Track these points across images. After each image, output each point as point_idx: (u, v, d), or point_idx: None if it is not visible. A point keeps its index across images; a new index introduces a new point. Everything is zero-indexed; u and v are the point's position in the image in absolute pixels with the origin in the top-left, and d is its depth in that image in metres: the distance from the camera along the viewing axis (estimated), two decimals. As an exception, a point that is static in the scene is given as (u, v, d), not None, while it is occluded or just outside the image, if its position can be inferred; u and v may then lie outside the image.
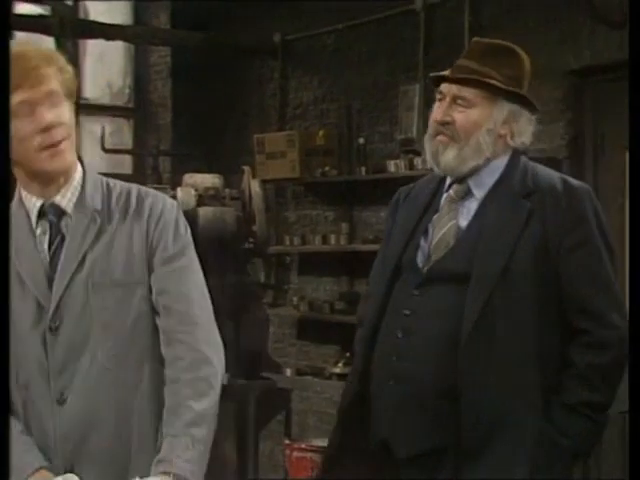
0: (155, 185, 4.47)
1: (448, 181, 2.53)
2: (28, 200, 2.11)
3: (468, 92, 2.45)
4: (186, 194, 4.22)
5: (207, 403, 2.05)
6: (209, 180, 4.39)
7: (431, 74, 2.58)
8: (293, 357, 6.56)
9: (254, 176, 6.07)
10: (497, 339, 2.34)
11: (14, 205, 2.12)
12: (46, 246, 2.10)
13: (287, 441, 5.65)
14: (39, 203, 2.10)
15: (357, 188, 6.16)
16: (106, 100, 7.60)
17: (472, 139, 2.44)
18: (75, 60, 6.99)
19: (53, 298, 2.06)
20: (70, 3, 7.47)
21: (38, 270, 2.08)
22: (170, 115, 7.34)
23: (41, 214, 2.10)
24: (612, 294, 2.39)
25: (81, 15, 7.43)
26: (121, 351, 2.08)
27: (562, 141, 5.17)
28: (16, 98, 2.00)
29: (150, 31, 7.19)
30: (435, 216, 2.50)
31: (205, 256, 4.26)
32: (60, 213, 2.10)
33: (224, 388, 4.76)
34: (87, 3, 7.62)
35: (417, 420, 2.38)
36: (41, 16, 6.85)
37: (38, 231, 2.10)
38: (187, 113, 7.29)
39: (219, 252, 4.28)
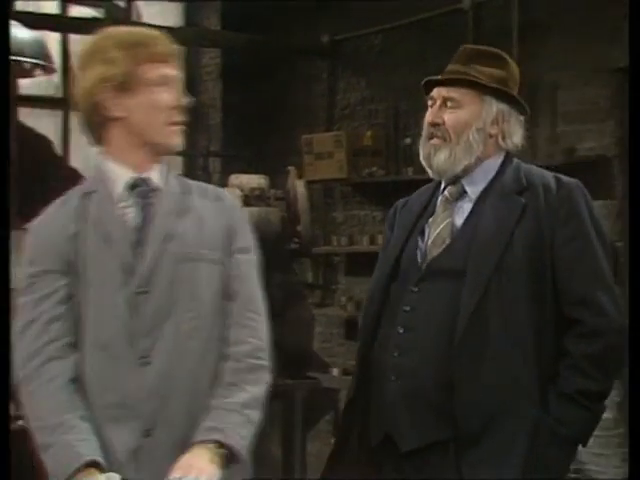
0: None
1: (443, 185, 2.59)
2: (115, 172, 2.18)
3: (456, 92, 2.51)
4: (231, 194, 4.25)
5: (261, 390, 2.17)
6: (255, 181, 4.41)
7: (424, 80, 2.61)
8: (341, 357, 6.57)
9: (301, 176, 6.10)
10: (492, 333, 2.38)
11: (93, 179, 2.21)
12: (133, 215, 2.17)
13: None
14: (129, 176, 2.17)
15: (404, 188, 6.14)
16: (158, 101, 7.67)
17: (462, 138, 2.50)
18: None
19: (142, 264, 2.13)
20: (122, 4, 7.57)
21: (126, 238, 2.15)
22: (220, 116, 7.40)
23: (131, 187, 2.18)
24: (604, 284, 2.42)
25: (134, 17, 7.53)
26: (201, 323, 2.17)
27: (612, 139, 5.13)
28: (160, 70, 2.14)
29: (199, 33, 7.26)
30: (431, 217, 2.56)
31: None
32: (151, 187, 2.19)
33: (270, 387, 4.76)
34: (140, 5, 7.72)
35: (419, 414, 2.42)
36: (94, 19, 6.96)
37: (125, 203, 2.17)
38: (237, 114, 7.34)
39: (264, 252, 4.27)
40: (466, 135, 2.49)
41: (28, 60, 4.55)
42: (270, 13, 7.01)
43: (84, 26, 6.54)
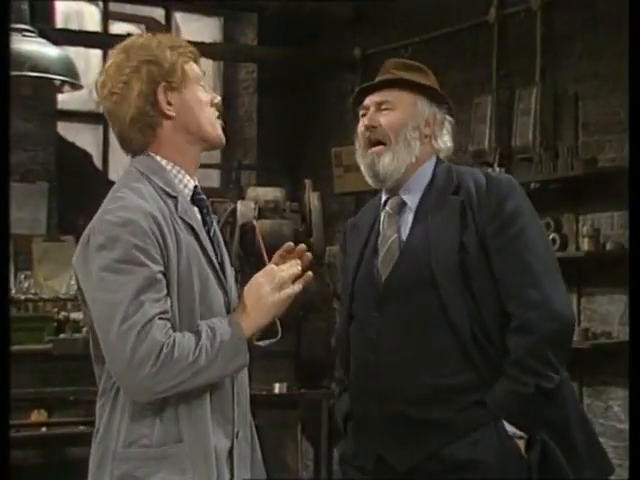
0: (216, 199, 4.58)
1: (383, 199, 2.60)
2: (179, 178, 2.18)
3: (389, 95, 2.56)
4: (245, 207, 4.33)
5: None
6: (270, 193, 4.48)
7: (355, 92, 2.65)
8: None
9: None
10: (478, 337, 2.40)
11: (160, 178, 2.15)
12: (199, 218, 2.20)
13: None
14: (192, 184, 2.20)
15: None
16: (196, 115, 7.79)
17: (400, 137, 2.54)
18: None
19: (225, 274, 2.18)
20: (162, 21, 7.73)
21: (209, 244, 2.18)
22: (256, 129, 7.50)
23: (192, 195, 2.20)
24: (533, 277, 2.39)
25: (173, 33, 7.67)
26: None
27: (634, 151, 5.08)
28: (196, 69, 2.21)
29: (236, 48, 7.38)
30: (380, 236, 2.57)
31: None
32: (203, 196, 2.23)
33: (287, 397, 4.80)
34: (179, 22, 7.87)
35: (402, 434, 2.44)
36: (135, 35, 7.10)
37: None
38: (272, 127, 7.43)
39: (277, 264, 4.36)
40: (403, 134, 2.53)
41: (55, 77, 4.68)
42: (305, 29, 7.11)
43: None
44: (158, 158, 2.18)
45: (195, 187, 2.22)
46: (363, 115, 2.60)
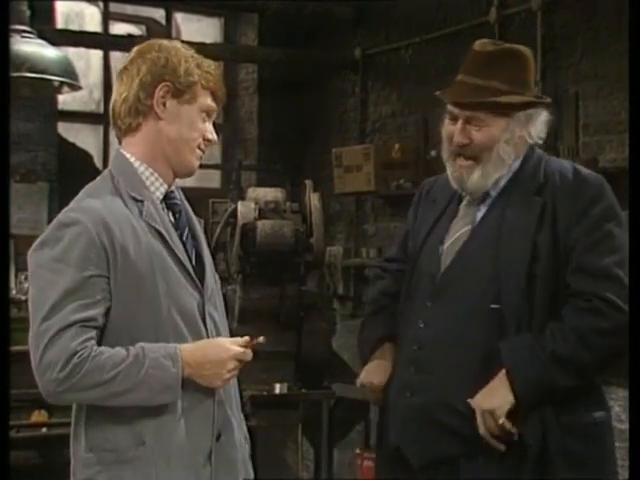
0: (217, 200, 4.59)
1: None
2: (151, 181, 2.20)
3: (481, 114, 2.43)
4: (246, 207, 4.33)
5: None
6: (271, 194, 4.48)
7: (438, 93, 2.55)
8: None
9: (317, 189, 6.18)
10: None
11: (131, 182, 2.17)
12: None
13: (358, 450, 5.69)
14: (164, 188, 2.22)
15: (433, 200, 6.15)
16: (197, 116, 7.78)
17: (493, 154, 2.44)
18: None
19: (202, 274, 2.20)
20: (162, 21, 7.73)
21: (180, 245, 2.20)
22: (256, 130, 7.50)
23: (164, 199, 2.22)
24: (613, 277, 2.33)
25: (173, 34, 7.67)
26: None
27: (634, 151, 5.07)
28: (210, 101, 2.24)
29: (236, 48, 7.37)
30: (454, 221, 2.52)
31: (264, 267, 4.40)
32: (177, 201, 2.25)
33: (287, 397, 4.80)
34: (180, 23, 7.86)
35: (431, 431, 2.40)
36: (135, 36, 7.11)
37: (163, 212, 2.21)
38: (272, 128, 7.43)
39: (277, 264, 4.37)
40: (496, 150, 2.43)
41: (53, 78, 4.66)
42: (305, 29, 7.11)
43: (125, 43, 6.71)
44: (132, 159, 2.19)
45: (171, 192, 2.23)
46: (451, 120, 2.49)
